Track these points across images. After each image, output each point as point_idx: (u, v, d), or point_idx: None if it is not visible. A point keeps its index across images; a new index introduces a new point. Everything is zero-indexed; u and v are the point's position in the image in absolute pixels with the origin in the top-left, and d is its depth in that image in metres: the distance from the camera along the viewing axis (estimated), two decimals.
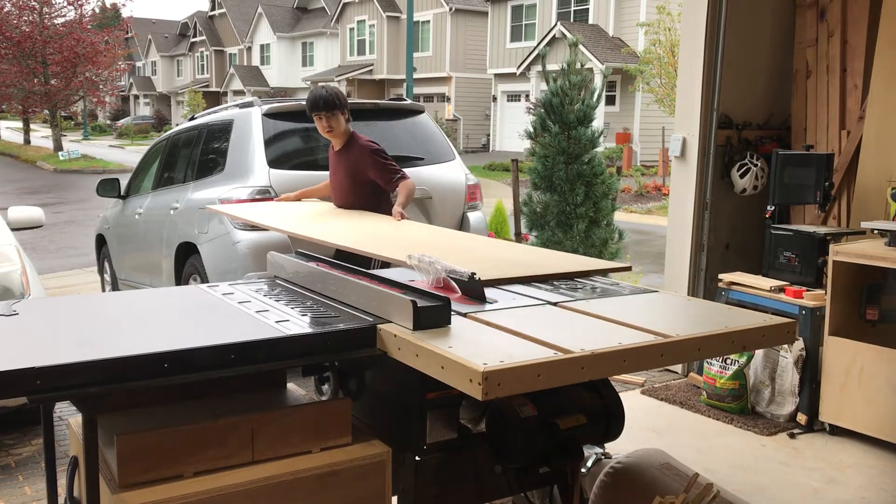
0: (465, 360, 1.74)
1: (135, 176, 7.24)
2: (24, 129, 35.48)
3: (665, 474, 2.58)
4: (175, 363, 1.82)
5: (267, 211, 4.31)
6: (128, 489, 1.86)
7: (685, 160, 5.15)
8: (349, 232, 3.61)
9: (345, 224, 3.87)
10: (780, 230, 4.61)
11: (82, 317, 2.27)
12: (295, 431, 2.05)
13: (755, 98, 5.36)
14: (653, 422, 4.40)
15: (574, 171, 6.10)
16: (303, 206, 4.47)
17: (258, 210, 4.37)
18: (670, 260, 5.31)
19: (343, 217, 4.09)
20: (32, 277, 4.32)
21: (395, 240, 3.38)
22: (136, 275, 6.74)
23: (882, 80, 4.77)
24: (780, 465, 3.85)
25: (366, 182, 4.31)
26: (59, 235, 12.74)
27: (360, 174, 4.31)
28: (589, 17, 26.62)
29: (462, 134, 31.87)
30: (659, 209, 15.31)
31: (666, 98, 18.75)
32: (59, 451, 3.75)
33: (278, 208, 4.40)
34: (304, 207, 4.44)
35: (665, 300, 2.45)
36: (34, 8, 29.51)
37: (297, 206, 4.50)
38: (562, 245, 6.07)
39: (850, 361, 4.04)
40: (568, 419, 2.18)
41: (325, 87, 4.41)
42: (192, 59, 53.06)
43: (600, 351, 1.84)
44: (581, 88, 6.19)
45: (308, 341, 2.00)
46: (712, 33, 4.96)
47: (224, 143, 5.57)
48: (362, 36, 37.00)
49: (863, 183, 4.81)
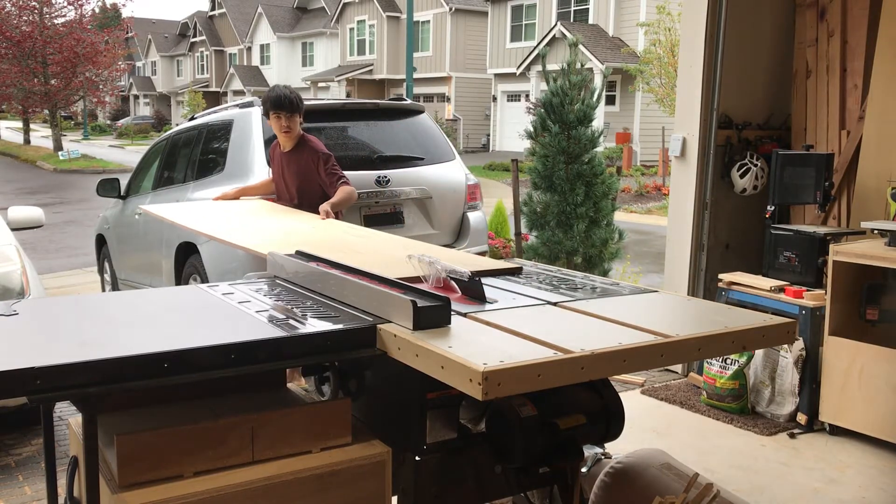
0: (465, 360, 1.74)
1: (135, 176, 7.24)
2: (24, 129, 35.47)
3: (665, 474, 2.58)
4: (175, 363, 1.82)
5: (195, 211, 4.37)
6: (128, 489, 1.86)
7: (685, 160, 5.15)
8: (262, 230, 3.73)
9: (265, 223, 3.95)
10: (780, 230, 4.61)
11: (82, 317, 2.27)
12: (295, 431, 2.05)
13: (755, 98, 5.36)
14: (653, 422, 4.40)
15: (574, 171, 6.10)
16: (238, 206, 4.50)
17: (187, 211, 4.40)
18: (670, 260, 5.31)
19: (269, 215, 4.15)
20: (32, 277, 4.32)
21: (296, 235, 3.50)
22: (136, 275, 6.74)
23: (882, 80, 4.77)
24: (780, 465, 3.85)
25: (314, 184, 4.41)
26: (59, 235, 12.74)
27: (308, 176, 4.41)
28: (589, 17, 26.63)
29: (462, 134, 31.87)
30: (659, 209, 15.31)
31: (666, 98, 18.75)
32: (59, 451, 3.75)
33: (211, 208, 4.45)
34: (239, 207, 4.47)
35: (665, 300, 2.45)
36: (34, 8, 29.51)
37: (233, 204, 4.52)
38: (562, 245, 6.07)
39: (850, 361, 4.04)
40: (568, 419, 2.18)
41: (287, 87, 4.51)
42: (192, 59, 53.06)
43: (600, 351, 1.83)
44: (581, 88, 6.19)
45: (308, 341, 2.00)
46: (712, 33, 4.96)
47: (224, 143, 5.57)
48: (362, 36, 37.00)
49: (863, 183, 4.81)
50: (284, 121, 4.39)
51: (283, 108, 4.37)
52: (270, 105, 4.41)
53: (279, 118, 4.39)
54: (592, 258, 6.13)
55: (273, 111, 4.40)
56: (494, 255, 7.38)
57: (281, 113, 4.38)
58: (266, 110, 4.47)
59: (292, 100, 4.39)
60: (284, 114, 4.38)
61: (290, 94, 4.40)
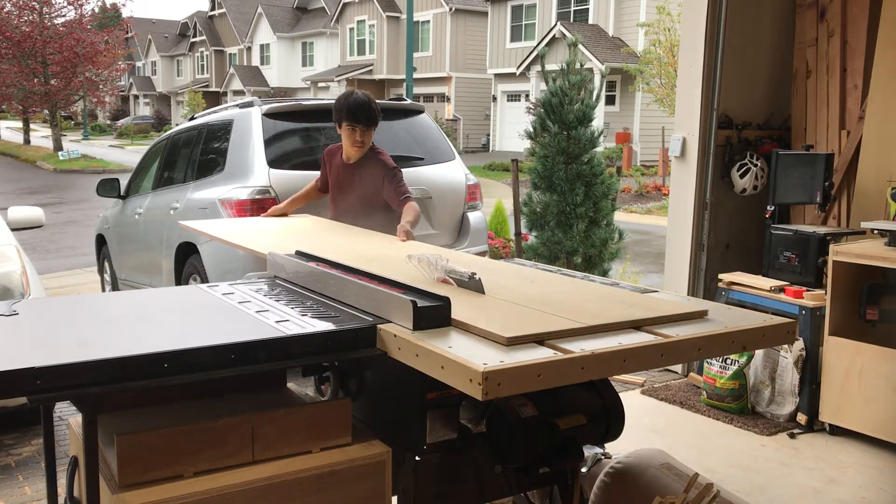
0: (466, 360, 1.74)
1: (135, 176, 7.24)
2: (23, 129, 35.48)
3: (665, 474, 2.58)
4: (175, 363, 1.82)
5: (247, 227, 3.88)
6: (128, 489, 1.86)
7: (685, 160, 5.15)
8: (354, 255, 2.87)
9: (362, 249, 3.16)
10: (780, 230, 4.61)
11: (82, 317, 2.27)
12: (295, 431, 2.05)
13: (755, 98, 5.36)
14: (653, 422, 4.40)
15: (574, 171, 6.10)
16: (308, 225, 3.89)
17: (236, 227, 3.95)
18: (670, 260, 5.31)
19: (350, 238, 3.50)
20: (32, 277, 4.32)
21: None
22: (136, 275, 6.74)
23: (882, 80, 4.77)
24: (780, 465, 3.85)
25: (378, 197, 3.88)
26: (59, 235, 12.74)
27: (374, 189, 3.87)
28: (589, 17, 26.64)
29: (462, 134, 31.87)
30: (659, 209, 15.31)
31: (666, 98, 18.77)
32: (59, 451, 3.75)
33: (263, 224, 3.91)
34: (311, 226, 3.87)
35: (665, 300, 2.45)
36: (34, 8, 29.52)
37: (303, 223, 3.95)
38: (562, 245, 6.07)
39: (850, 361, 4.04)
40: (568, 419, 2.18)
41: (367, 95, 3.88)
42: (192, 59, 53.06)
43: (600, 351, 1.83)
44: (581, 88, 6.19)
45: (308, 341, 2.00)
46: (712, 33, 4.96)
47: (224, 143, 5.57)
48: (362, 36, 37.00)
49: (863, 183, 4.81)
50: (359, 135, 3.80)
51: (360, 122, 3.78)
52: (346, 115, 3.78)
53: (353, 131, 3.79)
54: (592, 258, 6.13)
55: (348, 122, 3.79)
56: (494, 256, 7.37)
57: (357, 126, 3.79)
58: (338, 119, 3.84)
59: (372, 112, 3.80)
60: (361, 127, 3.79)
61: (370, 106, 3.80)
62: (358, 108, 3.77)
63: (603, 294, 2.38)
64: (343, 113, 3.79)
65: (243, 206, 4.97)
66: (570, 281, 2.63)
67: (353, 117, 3.77)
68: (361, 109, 3.77)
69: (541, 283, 2.55)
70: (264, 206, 4.71)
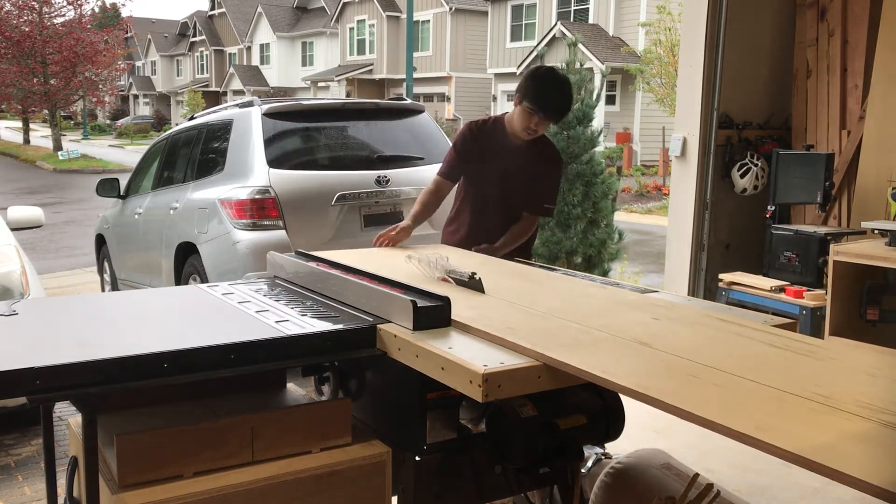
0: (466, 361, 1.73)
1: (134, 176, 7.24)
2: (23, 129, 35.47)
3: (665, 474, 2.58)
4: (175, 363, 1.82)
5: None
6: (128, 489, 1.86)
7: (685, 160, 5.15)
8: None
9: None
10: (780, 230, 4.61)
11: (82, 317, 2.27)
12: (295, 431, 2.05)
13: (755, 98, 5.36)
14: (653, 422, 4.39)
15: (573, 170, 6.10)
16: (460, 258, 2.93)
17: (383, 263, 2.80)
18: (670, 260, 5.31)
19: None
20: (32, 277, 4.32)
21: None
22: (135, 275, 6.74)
23: (882, 80, 4.77)
24: (780, 465, 3.82)
25: (527, 193, 3.38)
26: (59, 235, 12.73)
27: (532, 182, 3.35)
28: (589, 17, 26.63)
29: None
30: (659, 209, 15.31)
31: (666, 98, 18.76)
32: (59, 451, 3.74)
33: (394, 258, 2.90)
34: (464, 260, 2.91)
35: (665, 300, 2.45)
36: (34, 8, 29.51)
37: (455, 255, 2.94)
38: (561, 245, 6.07)
39: None
40: (568, 419, 2.18)
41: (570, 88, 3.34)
42: (191, 58, 53.04)
43: None
44: (580, 88, 6.19)
45: (308, 341, 1.99)
46: (712, 33, 4.96)
47: (224, 143, 5.57)
48: (362, 36, 37.00)
49: (863, 183, 4.81)
50: (538, 125, 3.24)
51: (550, 116, 3.25)
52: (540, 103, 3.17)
53: (532, 116, 3.19)
54: (592, 258, 6.13)
55: (534, 107, 3.17)
56: None
57: (543, 118, 3.22)
58: (525, 93, 3.20)
59: (566, 110, 3.34)
60: (546, 118, 3.24)
61: (569, 105, 3.33)
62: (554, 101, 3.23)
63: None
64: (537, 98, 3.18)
65: (243, 205, 4.97)
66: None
67: (542, 106, 3.19)
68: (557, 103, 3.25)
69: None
70: (264, 206, 4.70)
